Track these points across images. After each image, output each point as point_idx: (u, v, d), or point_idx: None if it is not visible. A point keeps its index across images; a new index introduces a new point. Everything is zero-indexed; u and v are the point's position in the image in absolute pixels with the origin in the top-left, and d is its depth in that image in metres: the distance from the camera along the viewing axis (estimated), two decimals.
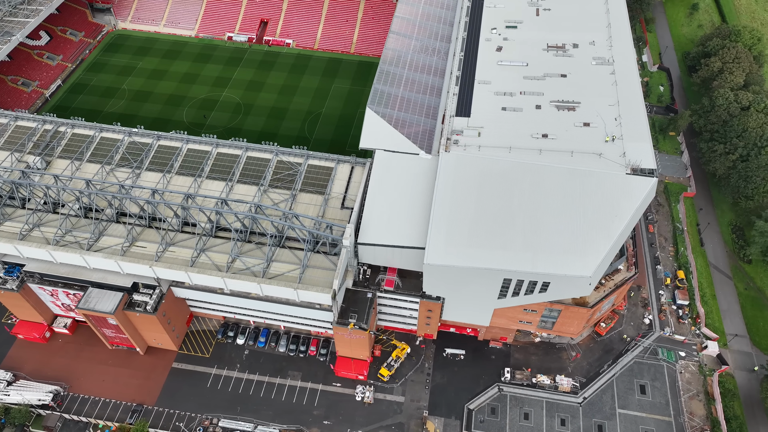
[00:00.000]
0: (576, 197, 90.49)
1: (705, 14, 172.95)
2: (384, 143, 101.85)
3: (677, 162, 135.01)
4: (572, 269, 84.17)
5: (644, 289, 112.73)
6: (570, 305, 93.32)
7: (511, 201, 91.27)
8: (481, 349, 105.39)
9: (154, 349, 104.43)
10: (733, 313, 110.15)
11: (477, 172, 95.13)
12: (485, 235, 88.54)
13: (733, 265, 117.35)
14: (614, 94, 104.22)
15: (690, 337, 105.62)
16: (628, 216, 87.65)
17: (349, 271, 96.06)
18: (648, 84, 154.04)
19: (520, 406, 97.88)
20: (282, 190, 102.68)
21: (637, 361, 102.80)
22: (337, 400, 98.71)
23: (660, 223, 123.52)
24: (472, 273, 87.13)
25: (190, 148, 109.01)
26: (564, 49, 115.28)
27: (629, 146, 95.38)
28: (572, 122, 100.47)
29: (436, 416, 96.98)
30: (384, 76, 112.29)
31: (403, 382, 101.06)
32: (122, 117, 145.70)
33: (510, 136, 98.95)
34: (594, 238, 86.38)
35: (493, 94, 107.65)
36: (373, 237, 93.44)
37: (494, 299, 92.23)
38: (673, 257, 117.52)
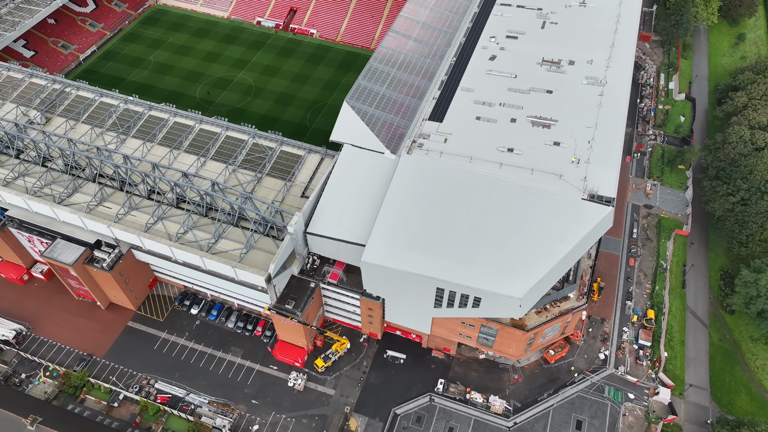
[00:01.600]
0: (525, 216, 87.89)
1: (752, 46, 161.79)
2: (353, 138, 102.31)
3: (679, 197, 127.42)
4: (503, 288, 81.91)
5: (608, 323, 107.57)
6: (507, 326, 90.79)
7: (459, 211, 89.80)
8: (423, 357, 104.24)
9: (115, 306, 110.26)
10: (699, 363, 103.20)
11: (433, 177, 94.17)
12: (427, 241, 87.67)
13: (713, 313, 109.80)
14: (595, 116, 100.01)
15: (644, 380, 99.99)
16: (573, 242, 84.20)
17: (297, 259, 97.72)
18: (668, 113, 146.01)
19: (447, 420, 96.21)
20: (250, 172, 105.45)
21: (580, 395, 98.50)
22: (270, 383, 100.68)
23: (644, 258, 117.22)
24: (407, 277, 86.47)
25: (177, 121, 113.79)
26: (559, 65, 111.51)
27: (594, 171, 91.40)
28: (543, 140, 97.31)
29: (361, 415, 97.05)
30: (371, 73, 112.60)
31: (338, 376, 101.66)
32: (141, 87, 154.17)
33: (475, 147, 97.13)
34: (533, 260, 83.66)
35: (472, 102, 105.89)
36: (322, 228, 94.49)
37: (431, 307, 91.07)
38: (648, 295, 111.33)
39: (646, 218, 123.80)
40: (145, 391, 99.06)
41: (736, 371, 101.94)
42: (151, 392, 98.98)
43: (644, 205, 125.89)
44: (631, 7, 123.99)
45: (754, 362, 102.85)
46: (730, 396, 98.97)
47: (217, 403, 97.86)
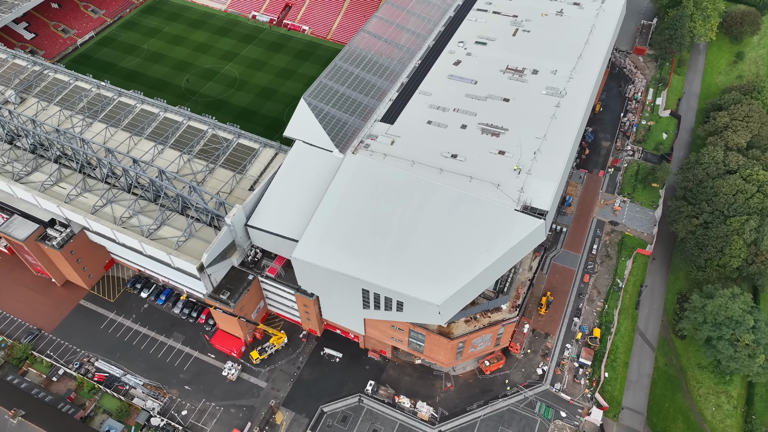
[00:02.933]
0: (457, 223, 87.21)
1: (751, 65, 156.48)
2: (306, 135, 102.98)
3: (647, 216, 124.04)
4: (423, 294, 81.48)
5: (551, 339, 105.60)
6: (433, 332, 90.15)
7: (393, 214, 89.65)
8: (360, 357, 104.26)
9: (70, 284, 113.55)
10: (640, 386, 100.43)
11: (373, 179, 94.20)
12: (357, 242, 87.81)
13: (663, 337, 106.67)
14: (546, 127, 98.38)
15: (578, 400, 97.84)
16: (500, 253, 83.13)
17: (237, 251, 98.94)
18: (650, 129, 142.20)
19: (372, 422, 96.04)
20: (204, 162, 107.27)
21: (511, 408, 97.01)
22: (206, 370, 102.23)
23: (600, 275, 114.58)
24: (335, 276, 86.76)
25: (143, 108, 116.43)
26: (522, 73, 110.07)
27: (533, 183, 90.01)
28: (489, 148, 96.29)
29: (288, 409, 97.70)
30: (334, 71, 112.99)
31: (273, 369, 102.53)
32: (131, 73, 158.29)
33: (420, 151, 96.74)
34: (456, 268, 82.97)
35: (427, 106, 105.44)
36: (262, 222, 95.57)
37: (360, 308, 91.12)
38: (598, 313, 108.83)
39: (609, 235, 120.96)
40: (84, 368, 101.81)
41: (677, 398, 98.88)
42: (90, 370, 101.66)
43: (610, 222, 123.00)
44: (607, 19, 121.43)
45: (698, 390, 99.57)
46: (666, 423, 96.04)
47: (150, 386, 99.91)
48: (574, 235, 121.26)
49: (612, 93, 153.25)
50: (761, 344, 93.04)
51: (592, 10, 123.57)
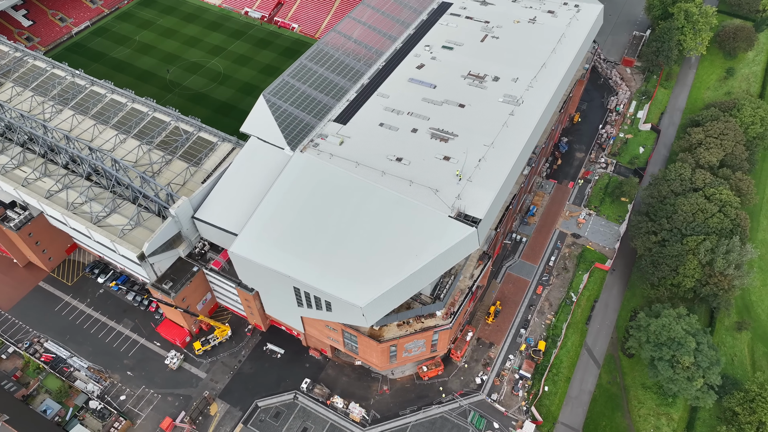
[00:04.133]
0: (391, 226, 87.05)
1: (742, 82, 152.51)
2: (261, 132, 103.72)
3: (612, 230, 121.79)
4: (348, 295, 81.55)
5: (495, 348, 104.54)
6: (364, 334, 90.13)
7: (332, 214, 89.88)
8: (301, 354, 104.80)
9: (32, 266, 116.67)
10: (579, 403, 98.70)
11: (316, 178, 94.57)
12: (293, 240, 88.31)
13: (610, 354, 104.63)
14: (495, 135, 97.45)
15: (514, 412, 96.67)
16: (428, 259, 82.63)
17: (184, 242, 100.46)
18: (627, 142, 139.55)
19: (304, 420, 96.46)
20: (163, 153, 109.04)
21: (444, 416, 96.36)
22: (150, 358, 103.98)
23: (554, 287, 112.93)
24: (269, 273, 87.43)
25: (113, 98, 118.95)
26: (483, 79, 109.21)
27: (471, 190, 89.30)
28: (435, 153, 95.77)
29: (224, 401, 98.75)
30: (298, 69, 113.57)
31: (214, 361, 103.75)
32: (120, 63, 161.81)
33: (367, 152, 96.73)
34: (384, 271, 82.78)
35: (383, 108, 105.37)
36: (208, 215, 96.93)
37: (295, 306, 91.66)
38: (546, 326, 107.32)
39: (569, 247, 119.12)
40: (33, 348, 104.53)
41: (615, 417, 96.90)
42: (39, 350, 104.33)
43: (572, 234, 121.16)
44: (579, 28, 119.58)
45: (638, 410, 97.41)
46: None
47: (94, 369, 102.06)
48: (534, 245, 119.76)
49: (595, 104, 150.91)
50: (702, 368, 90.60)
51: (566, 19, 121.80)
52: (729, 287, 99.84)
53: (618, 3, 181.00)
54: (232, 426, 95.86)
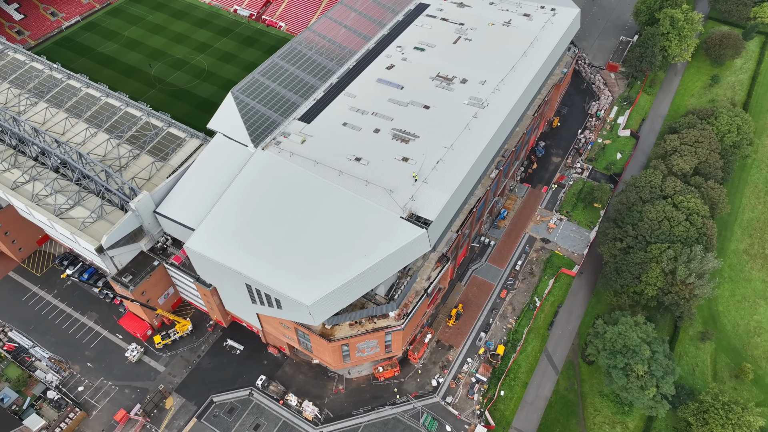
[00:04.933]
0: (344, 226, 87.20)
1: (727, 90, 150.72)
2: (227, 129, 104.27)
3: (582, 236, 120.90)
4: (296, 293, 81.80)
5: (454, 351, 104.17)
6: (315, 333, 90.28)
7: (287, 212, 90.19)
8: (260, 351, 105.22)
9: (3, 256, 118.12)
10: (535, 409, 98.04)
11: (275, 176, 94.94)
12: (248, 237, 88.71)
13: (570, 361, 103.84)
14: (456, 137, 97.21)
15: (467, 415, 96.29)
16: (377, 259, 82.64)
17: (146, 236, 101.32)
18: (605, 148, 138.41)
19: (257, 416, 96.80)
20: (132, 147, 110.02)
21: (397, 417, 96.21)
22: (110, 350, 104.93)
23: (519, 291, 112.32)
24: (223, 269, 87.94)
25: (88, 92, 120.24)
26: (450, 81, 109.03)
27: (426, 192, 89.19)
28: (395, 154, 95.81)
29: (180, 395, 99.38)
30: (269, 67, 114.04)
31: (174, 355, 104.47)
32: (106, 58, 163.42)
33: (327, 152, 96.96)
34: (332, 270, 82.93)
35: (348, 108, 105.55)
36: (169, 210, 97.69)
37: (250, 303, 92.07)
38: (508, 330, 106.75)
39: (538, 252, 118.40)
40: None
41: (570, 424, 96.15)
42: (2, 339, 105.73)
43: (541, 239, 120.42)
44: (553, 32, 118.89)
45: (594, 418, 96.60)
46: None
47: (55, 360, 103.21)
48: (502, 249, 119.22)
49: (576, 108, 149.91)
50: (656, 377, 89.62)
51: (541, 23, 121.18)
52: (690, 296, 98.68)
53: (607, 8, 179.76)
54: (186, 420, 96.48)
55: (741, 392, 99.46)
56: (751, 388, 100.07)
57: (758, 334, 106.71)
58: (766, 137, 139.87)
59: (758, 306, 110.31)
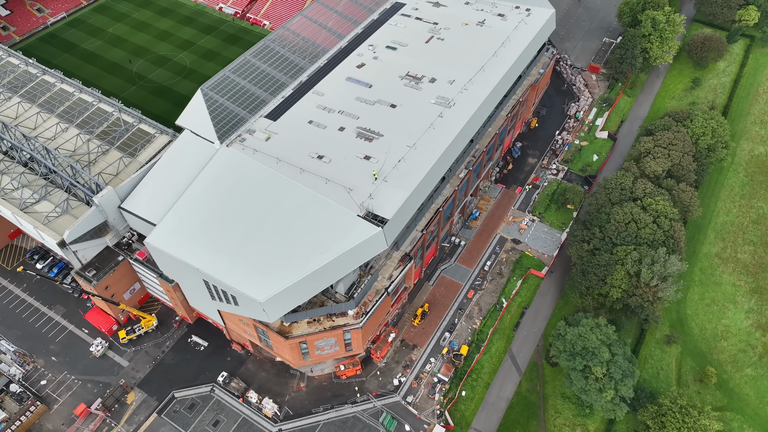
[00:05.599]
0: (302, 223, 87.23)
1: (709, 92, 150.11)
2: (195, 125, 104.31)
3: (553, 237, 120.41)
4: (249, 289, 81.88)
5: (418, 351, 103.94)
6: (273, 330, 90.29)
7: (247, 209, 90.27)
8: (224, 348, 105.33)
9: None
10: (495, 410, 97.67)
11: (237, 173, 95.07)
12: (207, 233, 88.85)
13: (534, 362, 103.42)
14: (420, 136, 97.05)
15: (427, 415, 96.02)
16: (332, 257, 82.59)
17: (111, 231, 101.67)
18: (582, 149, 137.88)
19: (217, 413, 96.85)
20: (101, 143, 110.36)
21: (357, 416, 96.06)
22: (75, 344, 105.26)
23: (487, 292, 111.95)
24: (182, 265, 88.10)
25: (62, 87, 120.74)
26: (419, 80, 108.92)
27: (385, 191, 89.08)
28: (357, 152, 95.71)
29: (142, 390, 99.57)
30: (241, 65, 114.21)
31: (138, 350, 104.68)
32: (89, 55, 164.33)
33: (290, 149, 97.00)
34: (287, 267, 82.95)
35: (315, 106, 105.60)
36: (134, 205, 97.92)
37: (209, 299, 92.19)
38: (473, 331, 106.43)
39: (508, 253, 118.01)
40: None
41: (530, 425, 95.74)
42: None
43: (512, 239, 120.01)
44: (526, 32, 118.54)
45: (554, 420, 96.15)
46: None
47: (19, 353, 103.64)
48: (472, 249, 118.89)
49: (556, 109, 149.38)
50: (614, 379, 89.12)
51: (514, 23, 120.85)
52: (654, 299, 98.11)
53: (593, 9, 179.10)
54: (147, 415, 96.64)
55: (704, 396, 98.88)
56: (714, 392, 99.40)
57: (725, 338, 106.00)
58: (745, 141, 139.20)
59: (727, 310, 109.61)
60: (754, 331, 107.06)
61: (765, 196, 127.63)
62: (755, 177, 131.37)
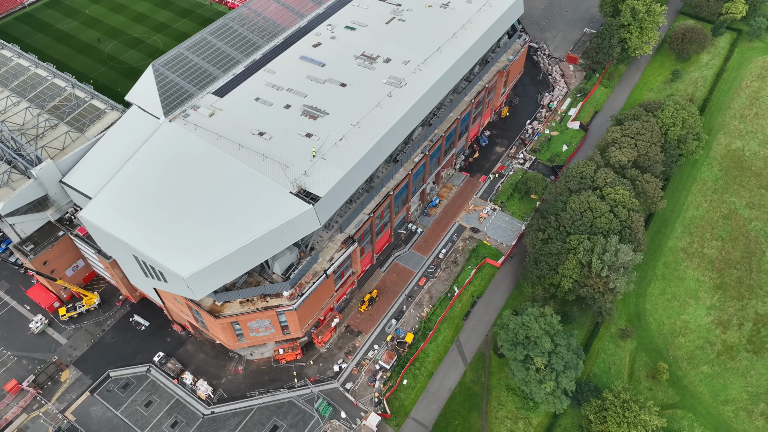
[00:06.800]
0: (234, 199, 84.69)
1: (689, 86, 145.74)
2: (143, 101, 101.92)
3: (514, 227, 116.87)
4: (174, 265, 79.48)
5: (363, 337, 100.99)
6: (204, 310, 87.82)
7: (182, 184, 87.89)
8: (165, 328, 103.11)
9: None
10: (436, 399, 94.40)
11: (177, 148, 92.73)
12: (140, 208, 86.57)
13: (481, 353, 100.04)
14: (364, 115, 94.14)
15: (364, 402, 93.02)
16: (260, 233, 79.92)
17: (53, 206, 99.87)
18: (551, 139, 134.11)
19: (151, 393, 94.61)
20: (52, 117, 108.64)
21: (293, 401, 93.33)
22: (15, 320, 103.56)
23: (439, 280, 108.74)
24: (114, 240, 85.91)
25: (18, 62, 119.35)
26: (374, 60, 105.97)
27: (322, 168, 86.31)
28: (300, 130, 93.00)
29: (77, 368, 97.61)
30: (196, 42, 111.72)
31: (78, 328, 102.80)
32: (64, 35, 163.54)
33: (232, 126, 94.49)
34: (214, 243, 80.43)
35: (264, 84, 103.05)
36: (75, 180, 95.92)
37: (143, 276, 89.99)
38: (421, 319, 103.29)
39: (465, 241, 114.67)
40: None
41: (471, 417, 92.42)
42: None
43: (471, 228, 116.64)
44: (488, 15, 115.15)
45: (496, 412, 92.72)
46: None
47: None
48: (429, 237, 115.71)
49: (530, 99, 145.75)
50: (556, 370, 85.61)
51: (479, 5, 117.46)
52: (605, 290, 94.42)
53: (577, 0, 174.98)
54: (79, 393, 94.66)
55: (656, 393, 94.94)
56: (667, 388, 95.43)
57: (683, 334, 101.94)
58: (722, 135, 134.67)
59: (687, 306, 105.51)
60: (714, 327, 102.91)
61: (738, 191, 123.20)
62: (729, 171, 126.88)
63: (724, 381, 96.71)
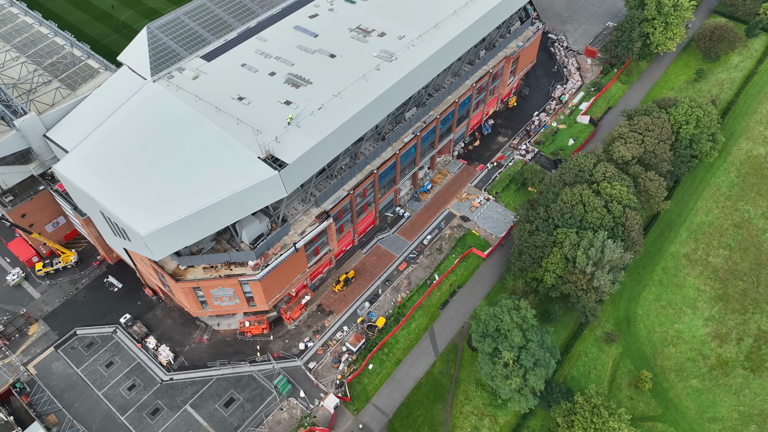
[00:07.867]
0: (203, 161, 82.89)
1: (713, 87, 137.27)
2: (133, 62, 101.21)
3: (506, 218, 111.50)
4: (135, 222, 77.96)
5: (333, 318, 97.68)
6: (167, 272, 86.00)
7: (155, 143, 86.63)
8: (137, 291, 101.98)
9: None
10: (401, 387, 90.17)
11: (156, 109, 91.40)
12: (113, 165, 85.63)
13: (454, 344, 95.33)
14: (346, 86, 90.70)
15: (326, 383, 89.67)
16: (222, 196, 77.51)
17: (37, 160, 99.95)
18: (557, 132, 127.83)
19: (114, 354, 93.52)
20: (46, 74, 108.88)
21: (253, 375, 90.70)
22: None
23: (420, 267, 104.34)
24: (84, 196, 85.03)
25: (24, 20, 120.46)
26: (368, 33, 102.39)
27: (294, 136, 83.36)
28: (279, 97, 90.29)
29: (46, 323, 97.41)
30: (195, 8, 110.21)
31: (53, 284, 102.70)
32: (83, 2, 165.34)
33: (214, 89, 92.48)
34: (176, 203, 78.51)
35: (254, 50, 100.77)
36: (58, 135, 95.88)
37: (113, 234, 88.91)
38: (396, 304, 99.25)
39: (453, 229, 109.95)
40: None
41: (434, 409, 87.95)
42: None
43: (461, 216, 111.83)
44: None
45: (462, 407, 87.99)
46: (407, 431, 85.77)
47: None
48: (416, 222, 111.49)
49: (542, 91, 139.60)
50: (524, 367, 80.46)
51: None
52: (588, 288, 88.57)
53: None
54: (44, 348, 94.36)
55: (637, 403, 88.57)
56: (649, 399, 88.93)
57: (674, 344, 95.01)
58: (744, 140, 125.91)
59: (683, 314, 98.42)
60: (710, 340, 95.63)
61: (754, 199, 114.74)
62: (747, 179, 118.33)
63: (714, 397, 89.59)
